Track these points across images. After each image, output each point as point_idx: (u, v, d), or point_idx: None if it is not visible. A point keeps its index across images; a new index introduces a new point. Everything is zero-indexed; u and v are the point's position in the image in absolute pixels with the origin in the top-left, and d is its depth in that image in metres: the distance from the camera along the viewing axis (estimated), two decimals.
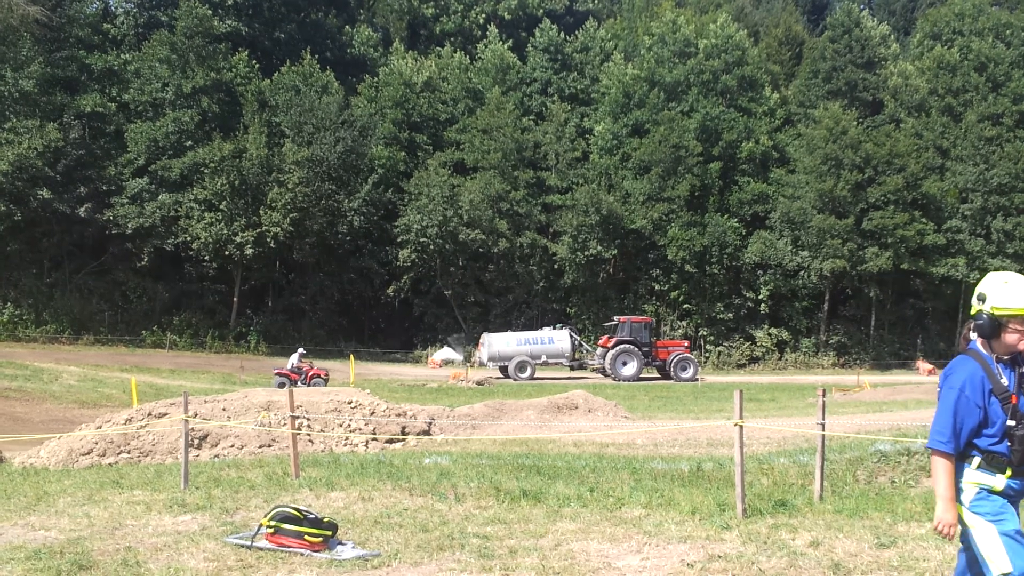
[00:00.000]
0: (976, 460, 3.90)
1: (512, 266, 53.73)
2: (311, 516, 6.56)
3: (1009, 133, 52.13)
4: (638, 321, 42.58)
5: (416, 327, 54.80)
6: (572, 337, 43.89)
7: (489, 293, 54.08)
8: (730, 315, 52.91)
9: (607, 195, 52.31)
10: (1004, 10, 62.96)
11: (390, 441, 16.53)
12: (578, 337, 45.90)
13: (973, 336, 4.00)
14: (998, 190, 50.46)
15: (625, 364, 40.11)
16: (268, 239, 47.42)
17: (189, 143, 48.72)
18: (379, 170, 53.78)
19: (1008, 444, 3.83)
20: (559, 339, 42.79)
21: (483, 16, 71.03)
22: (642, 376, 40.39)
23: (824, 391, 8.84)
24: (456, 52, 63.89)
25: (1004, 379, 3.88)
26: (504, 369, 41.30)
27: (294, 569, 6.06)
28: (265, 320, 51.60)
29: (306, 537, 6.41)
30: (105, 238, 49.03)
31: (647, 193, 52.67)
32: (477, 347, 44.49)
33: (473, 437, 16.92)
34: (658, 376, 41.54)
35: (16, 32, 45.94)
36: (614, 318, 44.22)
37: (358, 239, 53.43)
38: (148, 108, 50.36)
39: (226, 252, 47.72)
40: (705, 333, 51.98)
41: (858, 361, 51.01)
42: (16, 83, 45.53)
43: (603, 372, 40.85)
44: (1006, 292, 3.86)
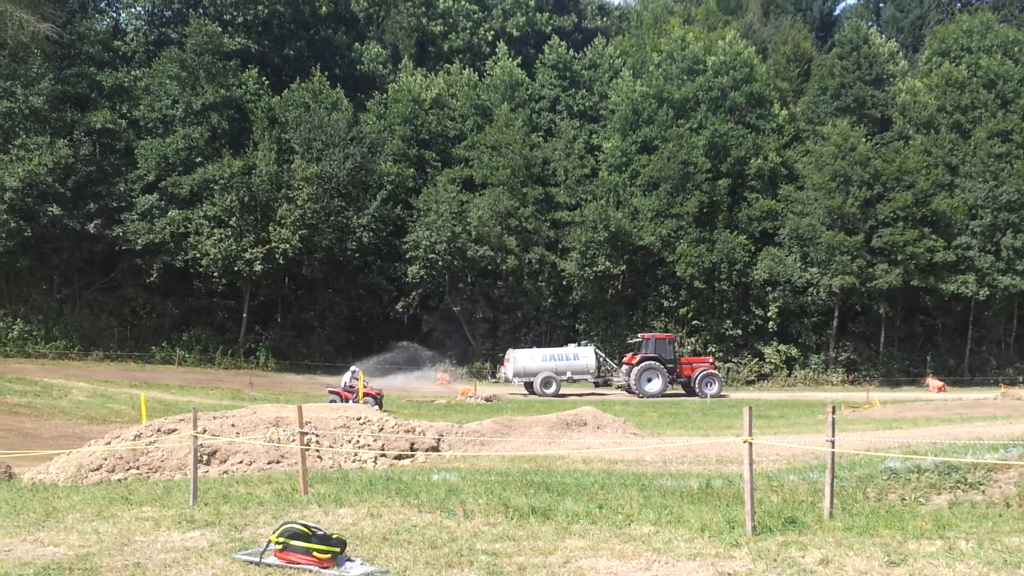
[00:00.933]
0: None
1: (521, 282, 53.71)
2: (320, 532, 6.56)
3: (1018, 150, 51.88)
4: (662, 338, 42.75)
5: (425, 343, 54.82)
6: (597, 354, 44.12)
7: (498, 309, 54.03)
8: (739, 331, 52.73)
9: (616, 211, 52.33)
10: (1012, 27, 63.04)
11: (399, 457, 16.53)
12: (603, 354, 45.98)
13: None
14: (1008, 207, 50.29)
15: (650, 381, 40.33)
16: (277, 255, 47.49)
17: (199, 160, 48.88)
18: (388, 186, 54.06)
19: None
20: (584, 355, 43.03)
21: (492, 33, 71.42)
22: (667, 392, 40.41)
23: (834, 408, 8.80)
24: (465, 69, 64.19)
25: None
26: (529, 385, 41.66)
27: None
28: (274, 336, 51.65)
29: (315, 553, 6.41)
30: (115, 254, 49.18)
31: (656, 209, 52.77)
32: (502, 363, 44.67)
33: (482, 453, 16.91)
34: (683, 393, 41.54)
35: (27, 49, 46.24)
36: (638, 335, 44.28)
37: (367, 255, 53.58)
38: (158, 125, 50.60)
39: (235, 268, 47.78)
40: (714, 350, 51.77)
41: (867, 378, 50.72)
42: (27, 100, 45.75)
43: (628, 389, 40.96)
44: None
